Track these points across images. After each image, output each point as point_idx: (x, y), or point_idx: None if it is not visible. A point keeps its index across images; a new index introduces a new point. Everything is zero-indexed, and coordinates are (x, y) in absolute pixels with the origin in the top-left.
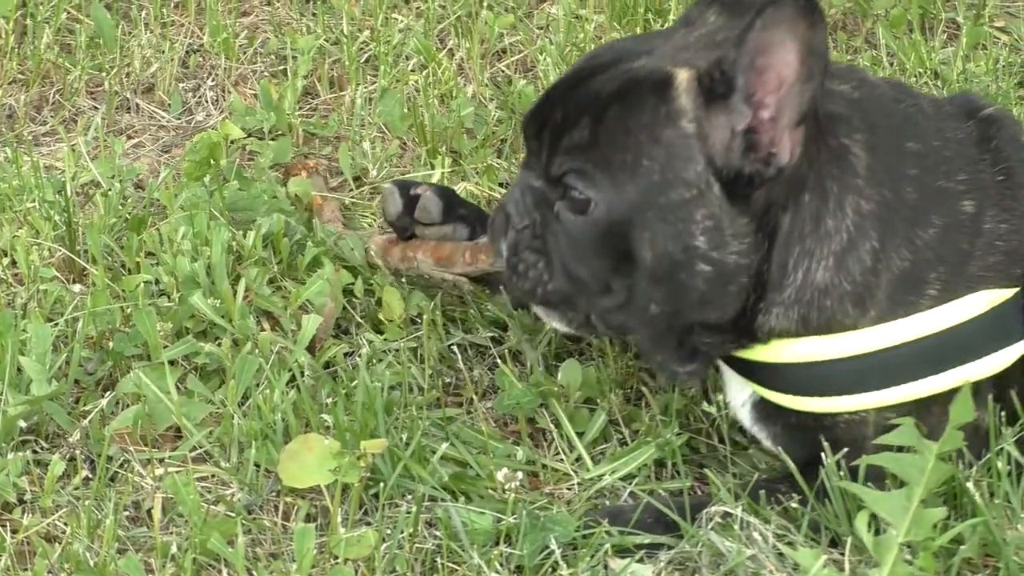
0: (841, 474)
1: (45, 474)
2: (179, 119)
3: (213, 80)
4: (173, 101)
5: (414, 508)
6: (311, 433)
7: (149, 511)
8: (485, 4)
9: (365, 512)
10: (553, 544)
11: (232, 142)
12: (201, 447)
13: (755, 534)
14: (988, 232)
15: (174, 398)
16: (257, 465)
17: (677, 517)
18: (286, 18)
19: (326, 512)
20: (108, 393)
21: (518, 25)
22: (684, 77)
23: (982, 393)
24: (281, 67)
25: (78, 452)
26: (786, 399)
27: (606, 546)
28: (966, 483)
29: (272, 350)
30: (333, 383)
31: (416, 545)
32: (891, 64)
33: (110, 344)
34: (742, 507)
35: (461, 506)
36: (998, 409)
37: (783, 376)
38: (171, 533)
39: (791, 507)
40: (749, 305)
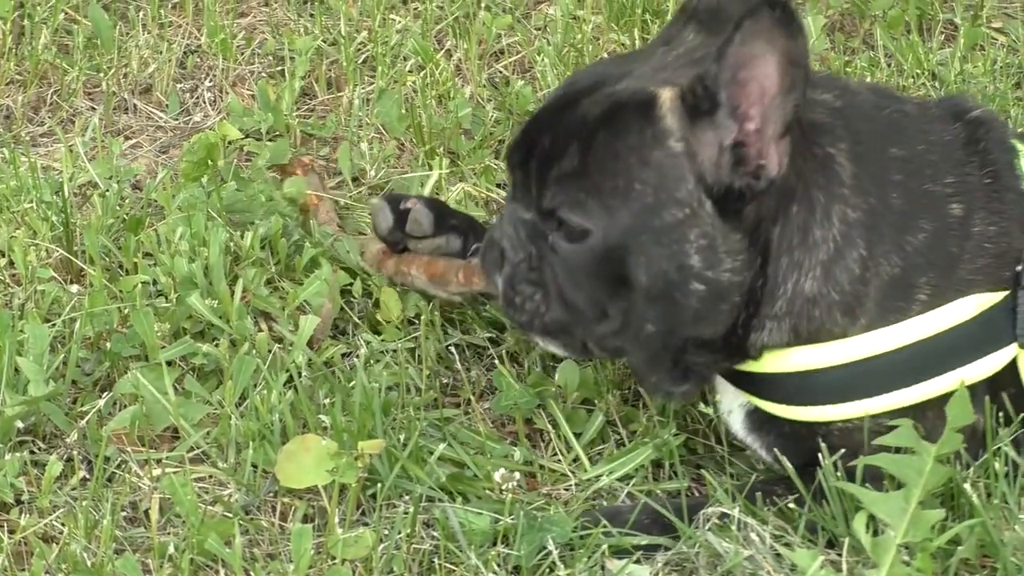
0: (838, 475)
1: (42, 474)
2: (177, 120)
3: (211, 81)
4: (171, 102)
5: (411, 508)
6: (309, 434)
7: (146, 511)
8: (483, 5)
9: (362, 512)
10: (550, 545)
11: (230, 143)
12: (198, 447)
13: (752, 535)
14: (977, 235)
15: (171, 399)
16: (255, 466)
17: (674, 518)
18: (284, 19)
19: (323, 513)
20: (105, 394)
21: (516, 26)
22: (668, 96)
23: (977, 395)
24: (279, 68)
25: (75, 452)
26: (780, 409)
27: (603, 547)
28: (963, 484)
29: (270, 351)
30: (331, 384)
31: (413, 546)
32: (889, 65)
33: (107, 345)
34: (739, 508)
35: (458, 507)
36: (995, 411)
37: (776, 386)
38: (168, 533)
39: (788, 508)
40: (741, 322)
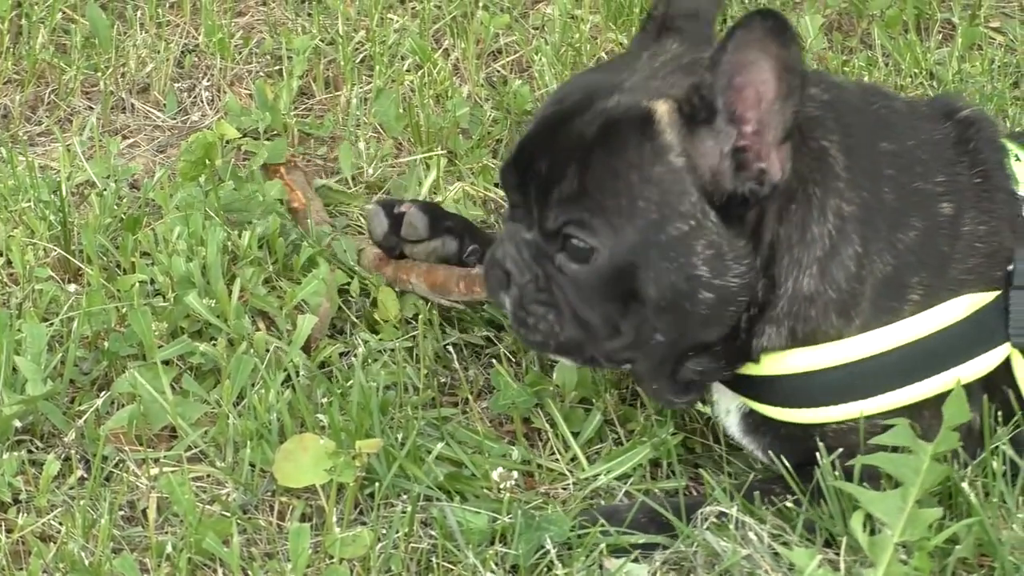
0: (836, 474)
1: (40, 474)
2: (174, 119)
3: (208, 80)
4: (168, 101)
5: (409, 508)
6: (306, 433)
7: (144, 511)
8: (481, 4)
9: (360, 512)
10: (548, 544)
11: (227, 142)
12: (196, 447)
13: (750, 534)
14: (967, 235)
15: (169, 398)
16: (252, 465)
17: (672, 517)
18: (281, 18)
19: (321, 512)
20: (103, 393)
21: (514, 25)
22: (664, 110)
23: (974, 394)
24: (276, 67)
25: (73, 452)
26: (775, 411)
27: (601, 546)
28: (961, 483)
29: (267, 350)
30: (328, 383)
31: (411, 545)
32: (886, 64)
33: (105, 344)
34: (737, 507)
35: (456, 506)
36: (993, 409)
37: (771, 389)
38: (166, 533)
39: (786, 507)
40: (743, 325)
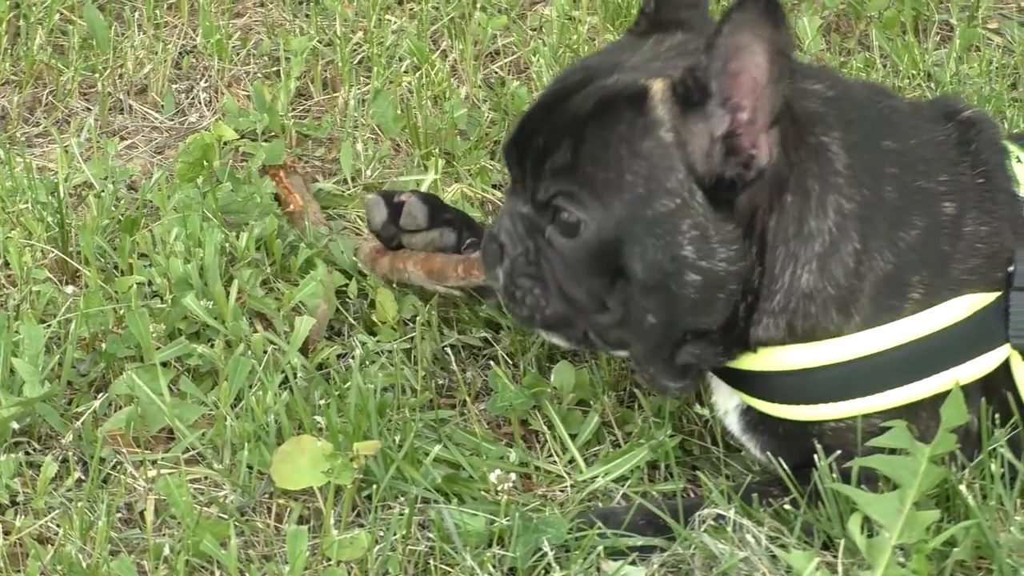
0: (834, 476)
1: (38, 475)
2: (172, 120)
3: (206, 81)
4: (166, 102)
5: (407, 510)
6: (304, 435)
7: (142, 513)
8: (478, 5)
9: (358, 514)
10: (546, 546)
11: (225, 143)
12: (194, 449)
13: (748, 536)
14: (969, 235)
15: (167, 400)
16: (250, 467)
17: (670, 519)
18: (279, 19)
19: (319, 514)
20: (101, 395)
21: (511, 26)
22: (659, 87)
23: (972, 396)
24: (274, 68)
25: (71, 454)
26: (773, 408)
27: (599, 548)
28: (959, 486)
29: (265, 352)
30: (326, 385)
31: (409, 547)
32: (884, 66)
33: (103, 346)
34: (735, 509)
35: (454, 508)
36: (991, 411)
37: (769, 385)
38: (164, 535)
39: (784, 509)
40: (741, 314)
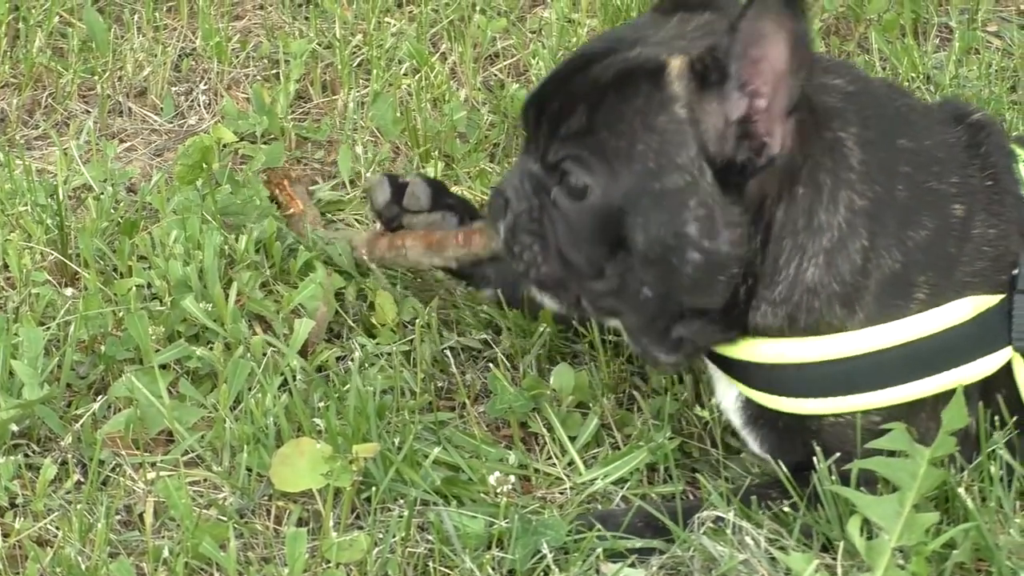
0: (833, 478)
1: (37, 478)
2: (171, 123)
3: (206, 84)
4: (165, 105)
5: (406, 512)
6: (303, 437)
7: (141, 515)
8: (478, 8)
9: (357, 516)
10: (545, 548)
11: (224, 146)
12: (193, 451)
13: (747, 539)
14: (976, 237)
15: (166, 402)
16: (249, 469)
17: (668, 521)
18: (279, 22)
19: (318, 516)
20: (100, 397)
21: (511, 29)
22: (677, 64)
23: (971, 398)
24: (274, 71)
25: (70, 456)
26: (772, 400)
27: (598, 551)
28: (958, 488)
29: (264, 354)
30: (325, 387)
31: (408, 549)
32: (884, 68)
33: (102, 348)
34: (734, 511)
35: (453, 510)
36: (989, 414)
37: (769, 377)
38: (163, 537)
39: (783, 511)
40: (741, 297)
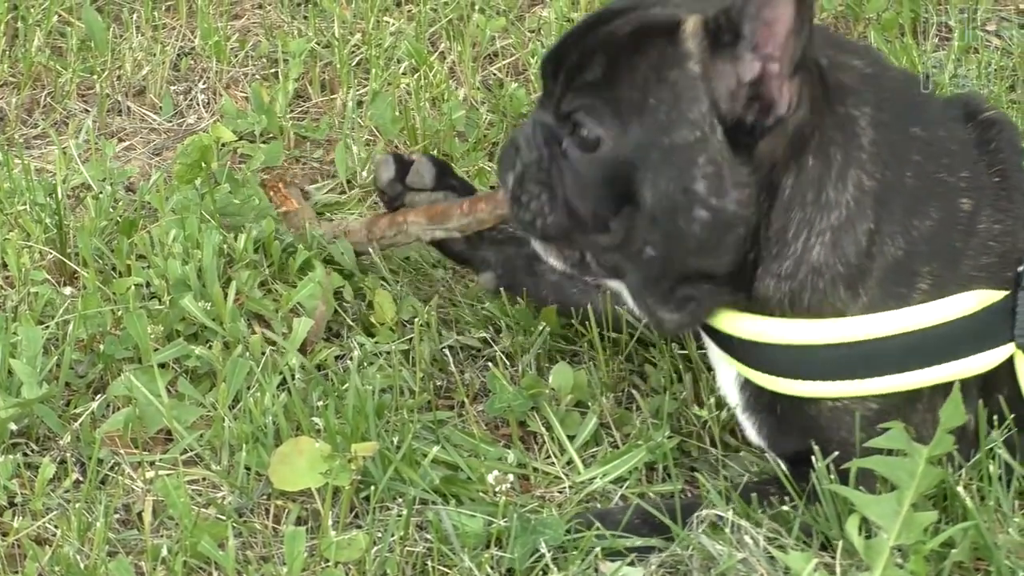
0: (832, 477)
1: (36, 477)
2: (170, 122)
3: (204, 83)
4: (164, 104)
5: (405, 511)
6: (302, 436)
7: (140, 514)
8: (477, 7)
9: (356, 515)
10: (543, 547)
11: (223, 145)
12: (192, 450)
13: (746, 537)
14: (982, 232)
15: (165, 401)
16: (248, 468)
17: (667, 520)
18: (277, 21)
19: (317, 515)
20: (99, 396)
21: (510, 28)
22: (692, 21)
23: (969, 395)
24: (272, 70)
25: (69, 455)
26: (770, 380)
27: (596, 549)
28: (957, 487)
29: (263, 353)
30: (324, 386)
31: (407, 548)
32: None
33: (101, 347)
34: (733, 510)
35: (452, 509)
36: (987, 413)
37: (767, 357)
38: (162, 536)
39: (782, 510)
40: (748, 265)
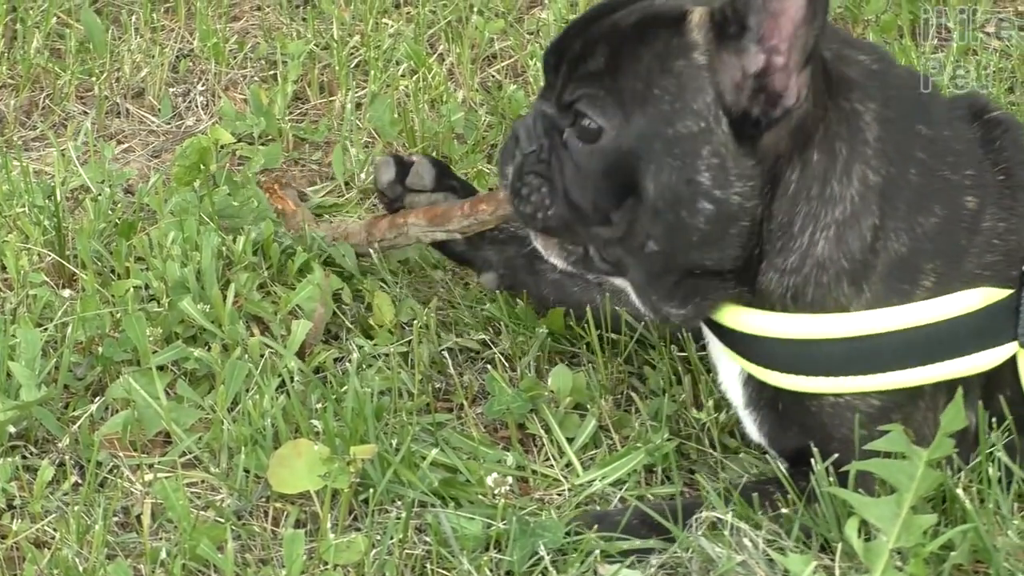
0: (831, 479)
1: (34, 479)
2: (169, 124)
3: (203, 85)
4: (163, 106)
5: (404, 514)
6: (301, 439)
7: (138, 517)
8: (475, 9)
9: (355, 518)
10: (542, 550)
11: (222, 147)
12: (191, 452)
13: (745, 540)
14: (987, 230)
15: (163, 403)
16: (247, 470)
17: (667, 522)
18: (276, 23)
19: (316, 518)
20: (98, 398)
21: (508, 30)
22: (698, 13)
23: (970, 396)
24: (271, 72)
25: (67, 457)
26: (772, 375)
27: (595, 552)
28: (956, 489)
29: (262, 355)
30: (323, 388)
31: (406, 551)
32: None
33: (99, 349)
34: (732, 512)
35: (451, 512)
36: (988, 415)
37: (770, 351)
38: (161, 539)
39: (782, 513)
40: (755, 258)
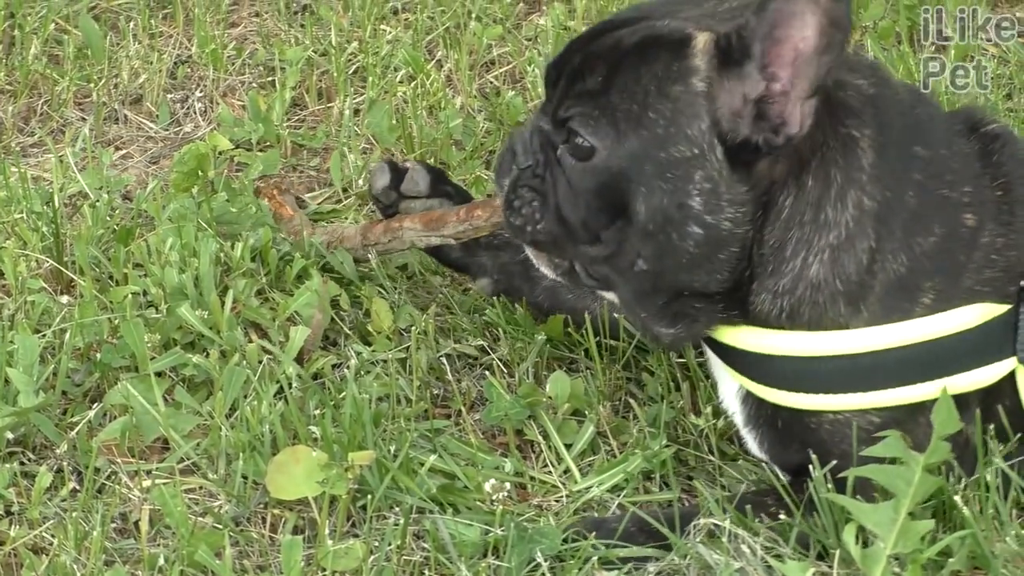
0: (829, 487)
1: (32, 486)
2: (167, 130)
3: (201, 91)
4: (161, 112)
5: (402, 520)
6: (299, 445)
7: (136, 523)
8: (473, 16)
9: (353, 524)
10: (540, 557)
11: (220, 153)
12: (189, 459)
13: (743, 547)
14: (985, 246)
15: (161, 410)
16: (245, 477)
17: (665, 529)
18: (274, 29)
19: (314, 524)
20: (96, 404)
21: (506, 36)
22: (703, 38)
23: (970, 407)
24: (269, 78)
25: (65, 464)
26: (772, 393)
27: (593, 559)
28: (955, 497)
29: (260, 362)
30: (321, 395)
31: (404, 557)
32: None
33: (98, 355)
34: (730, 519)
35: (449, 518)
36: (988, 425)
37: (769, 369)
38: (159, 545)
39: (779, 520)
40: (745, 280)
